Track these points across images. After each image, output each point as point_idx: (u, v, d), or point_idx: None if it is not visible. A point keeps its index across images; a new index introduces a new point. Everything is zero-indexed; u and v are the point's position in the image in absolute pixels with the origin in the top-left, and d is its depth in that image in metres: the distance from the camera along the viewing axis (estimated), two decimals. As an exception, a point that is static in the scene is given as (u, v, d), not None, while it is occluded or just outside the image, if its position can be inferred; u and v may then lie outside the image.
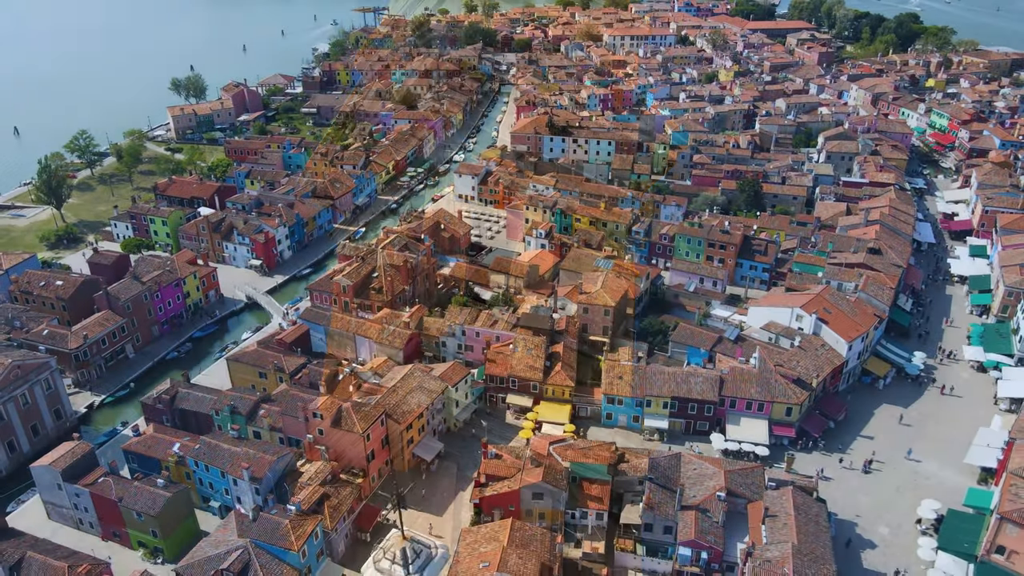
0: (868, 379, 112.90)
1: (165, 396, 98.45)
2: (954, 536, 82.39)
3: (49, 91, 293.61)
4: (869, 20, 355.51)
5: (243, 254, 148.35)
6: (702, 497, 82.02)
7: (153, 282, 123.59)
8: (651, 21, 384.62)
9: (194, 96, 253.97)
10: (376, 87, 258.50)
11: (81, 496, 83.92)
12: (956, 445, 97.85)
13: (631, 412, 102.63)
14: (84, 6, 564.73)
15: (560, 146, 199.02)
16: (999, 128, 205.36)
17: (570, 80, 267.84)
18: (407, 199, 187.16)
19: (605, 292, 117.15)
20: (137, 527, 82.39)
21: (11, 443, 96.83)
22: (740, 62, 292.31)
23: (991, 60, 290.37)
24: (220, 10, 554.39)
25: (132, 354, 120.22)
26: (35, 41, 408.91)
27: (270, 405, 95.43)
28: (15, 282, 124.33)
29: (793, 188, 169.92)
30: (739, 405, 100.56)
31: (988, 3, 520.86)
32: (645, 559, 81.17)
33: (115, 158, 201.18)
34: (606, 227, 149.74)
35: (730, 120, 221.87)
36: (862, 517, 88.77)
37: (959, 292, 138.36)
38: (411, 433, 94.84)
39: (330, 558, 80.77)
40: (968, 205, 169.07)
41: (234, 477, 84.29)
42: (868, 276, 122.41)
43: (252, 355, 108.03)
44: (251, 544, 75.25)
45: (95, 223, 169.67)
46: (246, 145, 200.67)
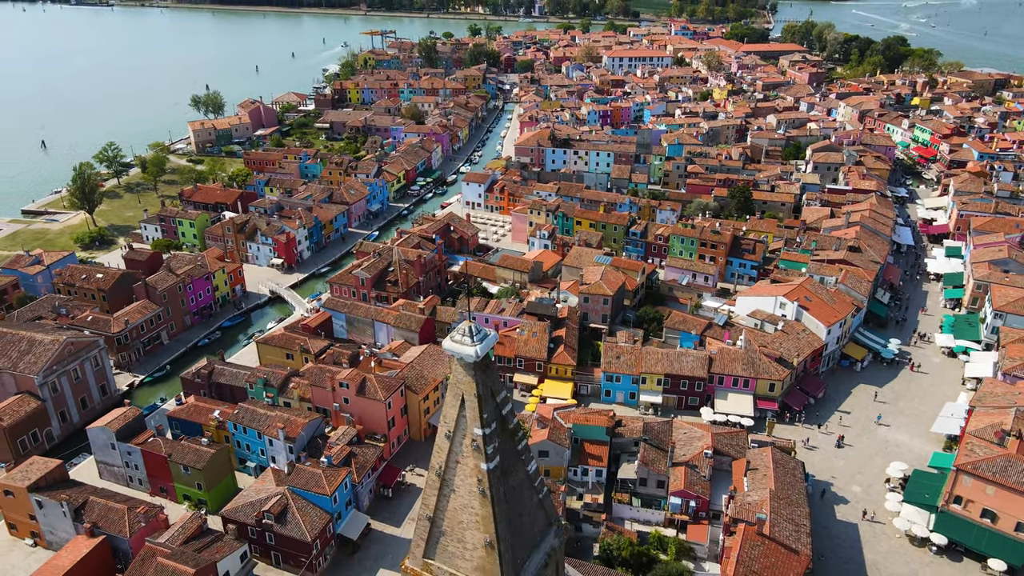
0: (847, 362, 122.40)
1: (203, 371, 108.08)
2: (918, 491, 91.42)
3: (73, 108, 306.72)
4: (858, 43, 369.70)
5: (265, 253, 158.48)
6: (691, 455, 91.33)
7: (186, 275, 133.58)
8: (649, 44, 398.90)
9: (213, 112, 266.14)
10: (385, 104, 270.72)
11: (133, 454, 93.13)
12: (925, 418, 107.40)
13: (628, 389, 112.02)
14: (100, 30, 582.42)
15: (562, 157, 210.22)
16: (978, 141, 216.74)
17: (571, 98, 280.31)
18: (417, 206, 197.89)
19: (604, 283, 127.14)
20: (183, 481, 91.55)
21: (63, 413, 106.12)
22: (734, 81, 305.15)
23: (975, 80, 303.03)
24: (231, 34, 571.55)
25: (167, 340, 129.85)
26: (58, 61, 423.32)
27: (299, 379, 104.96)
28: (59, 275, 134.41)
29: (781, 195, 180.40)
30: (726, 382, 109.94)
31: (976, 27, 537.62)
32: (640, 510, 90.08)
33: (139, 169, 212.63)
34: (605, 229, 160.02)
35: (723, 134, 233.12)
36: (837, 478, 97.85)
37: (935, 288, 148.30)
38: (427, 404, 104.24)
39: (356, 508, 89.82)
40: (946, 211, 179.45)
41: (270, 437, 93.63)
42: (847, 270, 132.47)
43: (280, 338, 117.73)
44: (288, 490, 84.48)
45: (124, 227, 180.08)
46: (264, 156, 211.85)
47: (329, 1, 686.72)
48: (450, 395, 29.07)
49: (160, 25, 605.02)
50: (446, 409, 29.32)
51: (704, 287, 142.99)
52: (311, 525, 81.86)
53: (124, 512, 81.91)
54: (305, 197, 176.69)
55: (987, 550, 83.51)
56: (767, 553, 73.18)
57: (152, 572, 73.89)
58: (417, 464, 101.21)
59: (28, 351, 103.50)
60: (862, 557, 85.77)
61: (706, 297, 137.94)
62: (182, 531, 79.81)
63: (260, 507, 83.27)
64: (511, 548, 29.98)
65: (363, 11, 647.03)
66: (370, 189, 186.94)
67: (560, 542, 33.61)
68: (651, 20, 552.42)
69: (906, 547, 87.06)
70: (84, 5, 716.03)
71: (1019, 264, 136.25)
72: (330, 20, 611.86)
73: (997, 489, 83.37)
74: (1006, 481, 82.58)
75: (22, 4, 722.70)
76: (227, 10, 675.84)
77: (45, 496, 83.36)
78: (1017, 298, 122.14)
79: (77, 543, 79.37)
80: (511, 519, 29.92)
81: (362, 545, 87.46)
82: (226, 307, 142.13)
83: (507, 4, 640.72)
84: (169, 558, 74.84)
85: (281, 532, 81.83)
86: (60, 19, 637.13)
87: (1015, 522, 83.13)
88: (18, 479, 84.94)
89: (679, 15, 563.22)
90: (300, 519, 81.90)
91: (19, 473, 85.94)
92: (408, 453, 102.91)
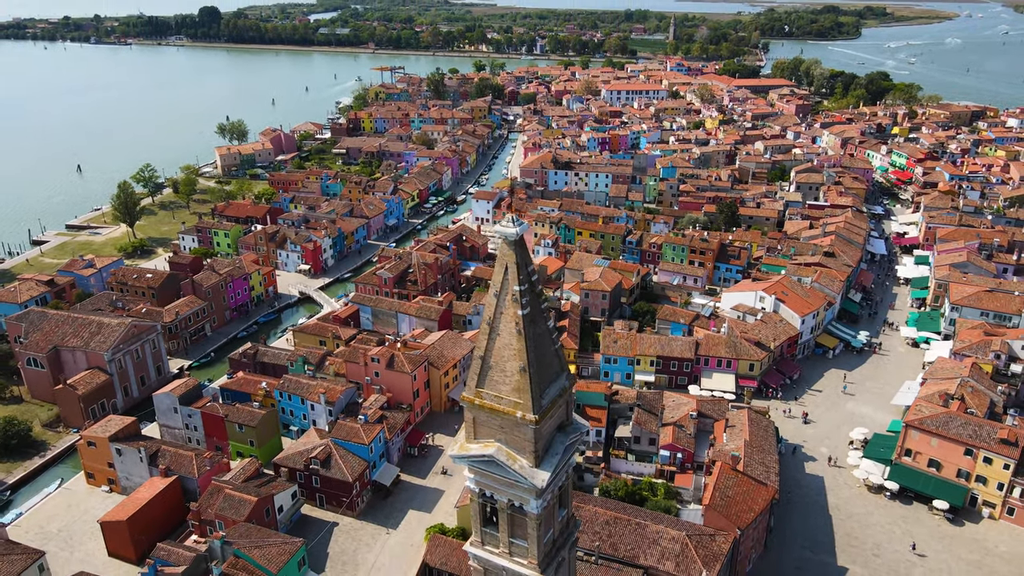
0: (820, 350, 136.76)
1: (249, 352, 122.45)
2: (876, 448, 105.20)
3: (102, 137, 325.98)
4: (843, 78, 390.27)
5: (294, 260, 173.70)
6: (679, 417, 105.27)
7: (227, 275, 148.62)
8: (645, 79, 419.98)
9: (237, 139, 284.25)
10: (397, 132, 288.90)
11: (193, 416, 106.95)
12: (886, 395, 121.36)
13: (624, 370, 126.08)
14: (120, 66, 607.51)
15: (563, 179, 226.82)
16: (949, 165, 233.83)
17: (571, 127, 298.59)
18: (430, 222, 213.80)
19: (603, 280, 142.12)
20: (237, 438, 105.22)
21: (126, 388, 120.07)
22: (725, 112, 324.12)
23: (952, 112, 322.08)
24: (246, 70, 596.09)
25: (210, 332, 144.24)
26: (84, 95, 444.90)
27: (334, 357, 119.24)
28: (113, 275, 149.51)
29: (766, 211, 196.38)
30: (711, 363, 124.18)
31: (959, 64, 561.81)
32: (634, 464, 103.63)
33: (171, 189, 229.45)
34: (603, 238, 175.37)
35: (714, 159, 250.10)
36: (807, 442, 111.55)
37: (904, 291, 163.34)
38: (447, 379, 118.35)
39: (388, 461, 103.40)
40: (917, 225, 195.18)
41: (312, 402, 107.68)
42: (821, 271, 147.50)
43: (314, 327, 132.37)
44: (331, 441, 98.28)
45: (161, 239, 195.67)
46: (288, 177, 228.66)
47: (339, 40, 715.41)
48: (498, 265, 43.37)
49: (177, 62, 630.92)
50: (494, 276, 43.46)
51: (694, 288, 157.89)
52: (351, 469, 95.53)
53: (192, 457, 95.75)
54: (328, 212, 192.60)
55: (933, 493, 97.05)
56: (739, 484, 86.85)
57: (221, 500, 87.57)
58: (438, 432, 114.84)
59: (98, 332, 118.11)
60: (826, 501, 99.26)
61: (695, 295, 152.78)
62: (242, 472, 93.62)
63: (307, 455, 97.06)
64: (537, 373, 44.00)
65: (371, 49, 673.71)
66: (387, 205, 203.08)
67: (569, 384, 47.71)
68: (647, 58, 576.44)
69: (864, 494, 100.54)
70: (103, 44, 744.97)
71: (976, 267, 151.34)
72: (340, 58, 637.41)
73: (940, 441, 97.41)
74: (947, 433, 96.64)
75: (43, 43, 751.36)
76: (241, 49, 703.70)
77: (124, 445, 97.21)
78: (971, 293, 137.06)
79: (153, 482, 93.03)
80: (537, 354, 44.16)
81: (394, 491, 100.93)
82: (260, 305, 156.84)
83: (509, 43, 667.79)
84: (234, 491, 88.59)
85: (326, 475, 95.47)
86: (81, 56, 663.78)
87: (956, 469, 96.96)
88: (99, 431, 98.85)
89: (675, 53, 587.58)
90: (342, 464, 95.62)
91: (99, 427, 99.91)
92: (430, 422, 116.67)
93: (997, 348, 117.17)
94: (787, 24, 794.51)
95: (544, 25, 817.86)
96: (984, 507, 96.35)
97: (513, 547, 49.75)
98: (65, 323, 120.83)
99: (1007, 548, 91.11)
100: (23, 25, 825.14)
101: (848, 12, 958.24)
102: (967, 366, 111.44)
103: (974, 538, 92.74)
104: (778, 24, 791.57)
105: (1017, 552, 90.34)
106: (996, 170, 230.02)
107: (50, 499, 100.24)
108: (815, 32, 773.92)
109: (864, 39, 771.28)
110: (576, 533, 54.41)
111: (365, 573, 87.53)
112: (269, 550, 79.96)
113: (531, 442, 45.01)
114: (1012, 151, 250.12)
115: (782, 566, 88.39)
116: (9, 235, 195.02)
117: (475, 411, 46.34)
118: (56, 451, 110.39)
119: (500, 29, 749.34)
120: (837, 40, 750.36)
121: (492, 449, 46.17)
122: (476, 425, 46.97)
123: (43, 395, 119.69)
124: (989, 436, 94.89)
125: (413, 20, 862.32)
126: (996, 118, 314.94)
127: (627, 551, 79.44)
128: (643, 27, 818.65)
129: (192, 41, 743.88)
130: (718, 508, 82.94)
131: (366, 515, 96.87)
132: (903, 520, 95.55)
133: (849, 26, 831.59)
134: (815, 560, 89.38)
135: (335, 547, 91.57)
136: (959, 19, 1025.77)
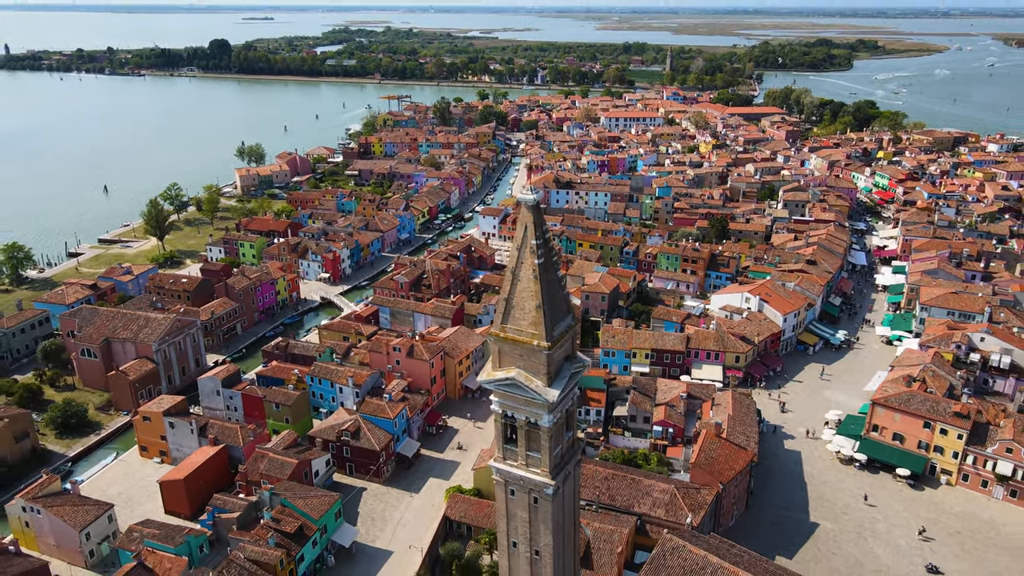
0: (802, 347, 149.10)
1: (281, 344, 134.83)
2: (848, 427, 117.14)
3: (124, 160, 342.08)
4: (832, 106, 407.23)
5: (315, 269, 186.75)
6: (670, 398, 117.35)
7: (256, 280, 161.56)
8: (643, 107, 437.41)
9: (255, 161, 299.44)
10: (406, 155, 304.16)
11: (234, 397, 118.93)
12: (860, 384, 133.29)
13: (621, 362, 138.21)
14: (135, 96, 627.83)
15: (565, 197, 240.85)
16: (928, 185, 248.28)
17: (572, 151, 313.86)
18: (439, 236, 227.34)
19: (602, 284, 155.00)
20: (274, 416, 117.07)
21: (170, 376, 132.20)
22: (718, 138, 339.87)
23: (935, 137, 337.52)
24: (258, 100, 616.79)
25: (240, 331, 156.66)
26: (103, 121, 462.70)
27: (359, 348, 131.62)
28: (151, 279, 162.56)
29: (755, 226, 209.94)
30: (701, 355, 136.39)
31: (946, 94, 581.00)
32: (631, 439, 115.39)
33: (195, 207, 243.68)
34: (603, 249, 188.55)
35: (707, 180, 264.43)
36: (787, 423, 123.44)
37: (882, 296, 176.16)
38: (461, 368, 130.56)
39: (410, 437, 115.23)
40: (896, 239, 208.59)
41: (340, 385, 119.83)
42: (803, 277, 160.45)
43: (338, 324, 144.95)
44: (360, 416, 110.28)
45: (188, 251, 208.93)
46: (305, 195, 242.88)
47: (346, 71, 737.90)
48: (519, 225, 56.10)
49: (190, 92, 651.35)
50: (516, 233, 56.06)
51: (686, 292, 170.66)
52: (378, 440, 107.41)
53: (238, 429, 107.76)
54: (345, 226, 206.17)
55: (897, 463, 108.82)
56: (722, 447, 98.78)
57: (265, 464, 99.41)
58: (453, 415, 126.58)
59: (146, 325, 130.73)
60: (802, 471, 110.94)
61: (687, 299, 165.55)
62: (282, 442, 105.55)
63: (339, 428, 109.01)
64: (550, 310, 56.61)
65: (377, 80, 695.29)
66: (400, 221, 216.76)
67: (573, 323, 60.41)
68: (645, 87, 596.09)
69: (836, 465, 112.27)
70: (117, 75, 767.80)
71: (946, 273, 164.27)
72: (347, 88, 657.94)
73: (902, 416, 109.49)
74: (908, 408, 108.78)
75: (59, 74, 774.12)
76: (251, 79, 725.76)
77: (176, 418, 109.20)
78: (939, 294, 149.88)
79: (204, 450, 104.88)
80: (549, 295, 56.84)
81: (415, 463, 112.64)
82: (285, 308, 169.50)
83: (511, 73, 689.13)
84: (276, 455, 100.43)
85: (356, 445, 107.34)
86: (97, 87, 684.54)
87: (916, 440, 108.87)
88: (153, 407, 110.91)
89: (671, 84, 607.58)
90: (370, 435, 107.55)
91: (153, 404, 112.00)
92: (446, 407, 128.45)
93: (958, 340, 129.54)
94: (780, 56, 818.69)
95: (544, 57, 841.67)
96: (942, 474, 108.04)
97: (529, 459, 62.19)
98: (115, 318, 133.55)
99: (961, 508, 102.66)
100: (39, 57, 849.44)
101: (840, 45, 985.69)
102: (930, 355, 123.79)
103: (932, 501, 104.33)
104: (772, 56, 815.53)
105: (969, 511, 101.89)
106: (972, 189, 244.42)
107: (108, 469, 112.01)
108: (808, 64, 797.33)
109: (856, 71, 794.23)
110: (579, 454, 66.79)
111: (392, 527, 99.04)
112: (311, 501, 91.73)
113: (544, 365, 57.63)
114: (989, 173, 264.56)
115: (761, 522, 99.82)
116: (47, 248, 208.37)
117: (500, 343, 59.02)
118: (108, 431, 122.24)
119: (502, 60, 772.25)
120: (829, 72, 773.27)
121: (513, 372, 58.83)
122: (500, 356, 59.62)
123: (94, 383, 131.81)
124: (944, 410, 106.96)
125: (417, 52, 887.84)
126: (977, 143, 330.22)
127: (623, 501, 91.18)
128: (641, 59, 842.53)
129: (203, 72, 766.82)
130: (703, 466, 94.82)
131: (391, 482, 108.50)
132: (870, 487, 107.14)
133: (841, 58, 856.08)
134: (791, 517, 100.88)
135: (364, 507, 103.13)
136: (949, 52, 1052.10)
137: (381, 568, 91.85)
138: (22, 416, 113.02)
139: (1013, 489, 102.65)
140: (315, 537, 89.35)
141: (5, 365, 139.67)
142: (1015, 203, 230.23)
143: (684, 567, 69.79)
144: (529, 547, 65.81)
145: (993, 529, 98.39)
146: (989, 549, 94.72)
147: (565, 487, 64.81)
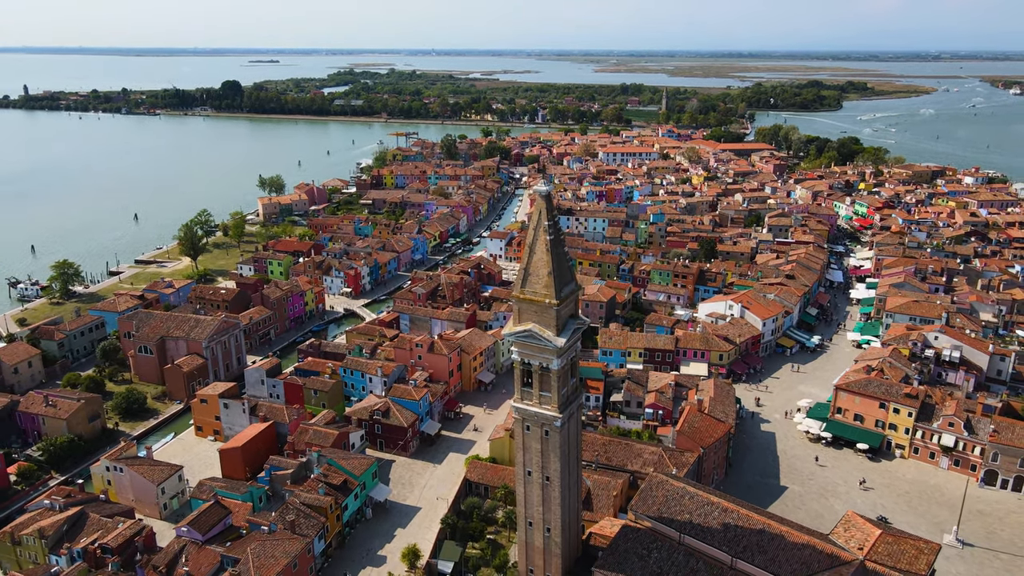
0: (780, 349, 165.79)
1: (314, 343, 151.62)
2: (817, 411, 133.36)
3: (150, 191, 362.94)
4: (817, 142, 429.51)
5: (337, 284, 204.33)
6: (660, 386, 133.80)
7: (288, 290, 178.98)
8: (639, 143, 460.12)
9: (275, 191, 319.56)
10: (416, 186, 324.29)
11: (276, 386, 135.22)
12: (830, 379, 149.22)
13: (618, 361, 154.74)
14: (152, 135, 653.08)
15: (565, 223, 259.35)
16: (903, 212, 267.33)
17: (572, 183, 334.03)
18: (450, 258, 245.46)
19: (600, 294, 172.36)
20: (313, 402, 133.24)
21: (216, 372, 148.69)
22: (710, 171, 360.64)
23: (915, 171, 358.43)
24: (270, 137, 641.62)
25: (273, 337, 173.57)
26: (124, 158, 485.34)
27: (385, 346, 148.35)
28: (193, 290, 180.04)
29: (741, 247, 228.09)
30: (688, 354, 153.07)
31: (931, 132, 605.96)
32: (625, 421, 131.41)
33: (222, 233, 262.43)
34: (600, 267, 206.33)
35: (698, 208, 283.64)
36: (763, 411, 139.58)
37: (855, 308, 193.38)
38: (475, 363, 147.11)
39: (431, 419, 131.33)
40: (870, 260, 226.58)
41: (370, 376, 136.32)
42: (781, 289, 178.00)
43: (364, 328, 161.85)
44: (389, 399, 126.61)
45: (219, 270, 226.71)
46: (324, 221, 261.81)
47: (354, 111, 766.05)
48: (534, 209, 73.75)
49: (204, 130, 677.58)
50: (531, 216, 73.87)
51: (677, 304, 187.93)
52: (406, 419, 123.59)
53: (284, 409, 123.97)
54: (365, 247, 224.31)
55: (858, 439, 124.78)
56: (703, 420, 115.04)
57: (310, 434, 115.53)
58: (468, 405, 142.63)
59: (196, 325, 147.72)
60: (775, 447, 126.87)
61: (677, 308, 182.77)
62: (323, 419, 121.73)
63: (371, 409, 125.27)
64: (558, 275, 73.93)
65: (384, 119, 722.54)
66: (413, 243, 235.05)
67: (577, 287, 77.76)
68: (641, 126, 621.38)
69: (806, 443, 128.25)
70: (133, 114, 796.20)
71: (912, 286, 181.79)
72: (355, 126, 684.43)
73: (862, 398, 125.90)
74: (866, 392, 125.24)
75: (76, 113, 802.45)
76: (262, 118, 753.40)
77: (230, 400, 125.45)
78: (902, 303, 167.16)
79: (254, 426, 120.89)
80: (557, 264, 74.15)
81: (436, 441, 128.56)
82: (313, 318, 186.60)
83: (513, 112, 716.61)
84: (319, 428, 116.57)
85: (385, 423, 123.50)
86: (115, 126, 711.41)
87: (875, 420, 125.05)
88: (209, 391, 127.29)
89: (667, 122, 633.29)
90: (398, 414, 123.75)
91: (209, 389, 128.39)
92: (462, 397, 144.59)
93: (915, 338, 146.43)
94: (772, 97, 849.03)
95: (544, 97, 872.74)
96: (897, 449, 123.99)
97: (542, 398, 79.13)
98: (168, 320, 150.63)
99: (912, 477, 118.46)
100: (56, 97, 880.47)
101: (831, 87, 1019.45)
102: (889, 351, 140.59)
103: (887, 470, 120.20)
104: (764, 97, 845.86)
105: (919, 479, 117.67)
106: (943, 216, 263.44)
107: (168, 446, 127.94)
108: (799, 104, 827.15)
109: (845, 111, 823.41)
110: (581, 397, 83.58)
111: (420, 489, 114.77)
112: (352, 461, 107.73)
113: (554, 319, 74.94)
114: (961, 202, 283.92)
115: (738, 485, 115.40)
116: (89, 267, 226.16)
117: (519, 303, 76.44)
118: (164, 416, 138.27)
119: (504, 100, 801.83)
120: (819, 111, 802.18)
121: (530, 326, 76.18)
122: (519, 313, 76.99)
123: (149, 377, 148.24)
124: (897, 392, 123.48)
125: (421, 92, 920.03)
126: (954, 176, 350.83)
127: (618, 461, 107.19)
128: (638, 99, 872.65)
129: (216, 112, 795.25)
130: (686, 433, 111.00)
131: (416, 455, 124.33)
132: (834, 459, 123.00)
133: (831, 99, 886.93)
134: (764, 483, 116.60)
135: (394, 474, 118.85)
136: (937, 93, 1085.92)
137: (412, 519, 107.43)
138: (94, 400, 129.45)
139: (956, 459, 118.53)
140: (356, 491, 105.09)
141: (67, 363, 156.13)
142: (983, 228, 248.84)
143: (667, 495, 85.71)
144: (541, 474, 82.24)
145: (937, 491, 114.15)
146: (932, 506, 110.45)
147: (570, 423, 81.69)
